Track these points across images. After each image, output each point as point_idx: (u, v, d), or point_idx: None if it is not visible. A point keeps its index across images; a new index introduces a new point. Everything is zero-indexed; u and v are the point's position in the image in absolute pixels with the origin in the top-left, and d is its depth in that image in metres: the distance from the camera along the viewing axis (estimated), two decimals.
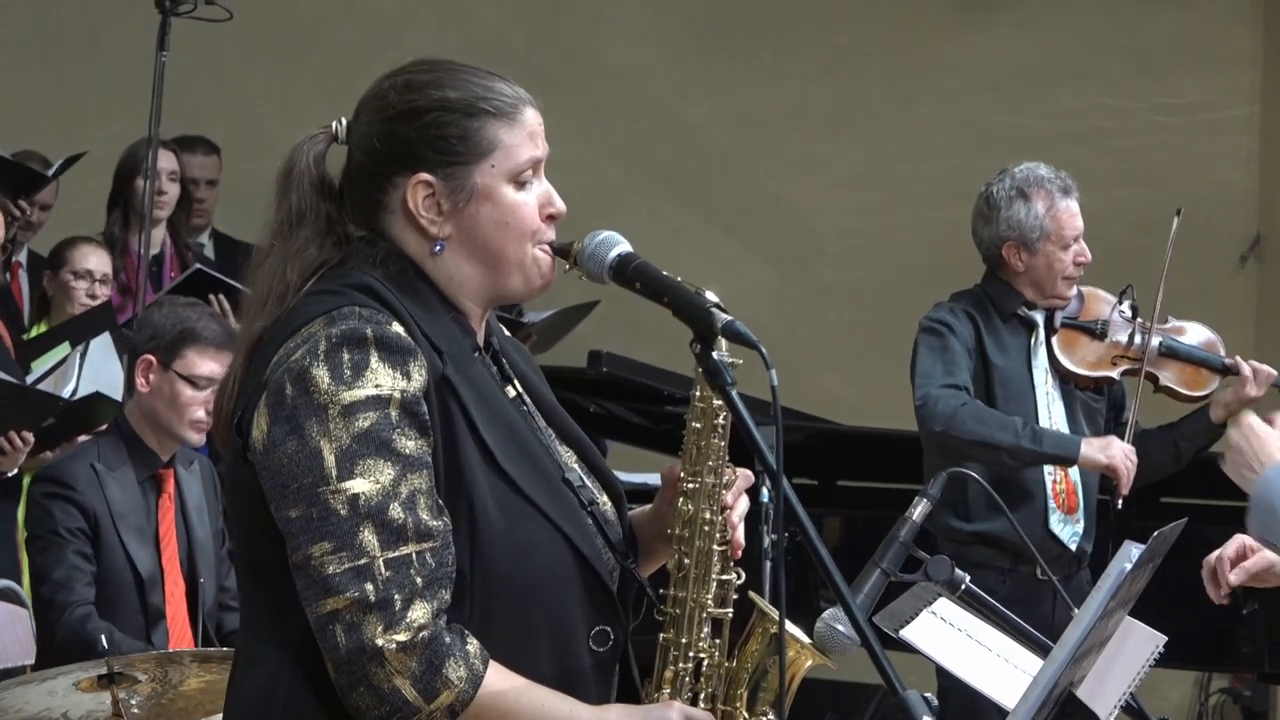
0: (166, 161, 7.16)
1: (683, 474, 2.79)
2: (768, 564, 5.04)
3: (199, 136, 7.85)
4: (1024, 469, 5.53)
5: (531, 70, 8.84)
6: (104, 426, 5.85)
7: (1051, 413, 5.64)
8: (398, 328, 2.63)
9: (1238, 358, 5.70)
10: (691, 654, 2.77)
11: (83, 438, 5.98)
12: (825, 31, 9.10)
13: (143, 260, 6.51)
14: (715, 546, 2.78)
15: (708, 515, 2.77)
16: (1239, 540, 4.03)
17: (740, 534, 2.82)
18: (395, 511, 2.56)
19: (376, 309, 2.63)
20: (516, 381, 2.84)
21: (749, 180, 9.10)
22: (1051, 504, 5.59)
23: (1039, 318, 5.68)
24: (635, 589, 2.80)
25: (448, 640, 2.57)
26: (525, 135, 2.74)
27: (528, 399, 2.84)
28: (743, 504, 2.84)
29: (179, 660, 4.05)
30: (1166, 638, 3.34)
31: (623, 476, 7.74)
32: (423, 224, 2.71)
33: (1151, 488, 5.94)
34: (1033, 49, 9.03)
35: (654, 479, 7.25)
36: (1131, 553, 2.97)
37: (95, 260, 6.74)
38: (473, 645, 2.59)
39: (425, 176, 2.70)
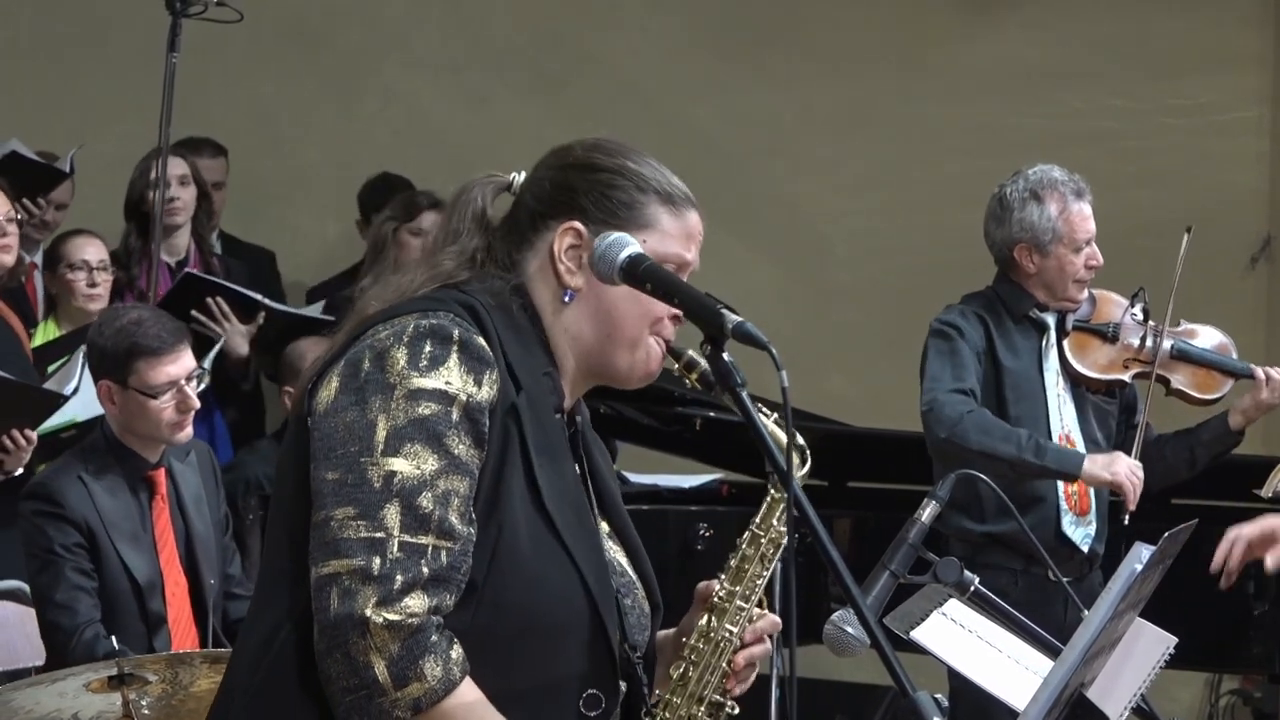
0: (176, 167, 7.15)
1: (717, 588, 2.82)
2: (778, 566, 5.03)
3: (205, 139, 7.84)
4: (1026, 481, 5.52)
5: (540, 73, 8.84)
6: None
7: (1063, 415, 5.64)
8: (483, 341, 2.67)
9: (1253, 365, 5.69)
10: None
11: None
12: (833, 33, 9.09)
13: (154, 267, 6.49)
14: (723, 665, 2.80)
15: (726, 634, 2.80)
16: (1269, 523, 3.94)
17: (743, 684, 2.83)
18: (426, 501, 2.59)
19: (469, 322, 2.68)
20: (587, 464, 2.87)
21: (756, 182, 9.09)
22: (1064, 505, 5.58)
23: (1050, 320, 5.68)
24: (635, 686, 2.80)
25: (434, 637, 2.58)
26: (684, 232, 2.82)
27: (590, 485, 2.86)
28: (760, 648, 2.86)
29: (189, 661, 4.06)
30: (1177, 639, 3.34)
31: (632, 478, 7.76)
32: (560, 269, 2.77)
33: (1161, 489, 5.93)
34: (1041, 51, 9.02)
35: (663, 480, 7.27)
36: (1142, 554, 2.97)
37: (91, 250, 6.73)
38: (456, 652, 2.60)
39: (578, 225, 2.77)
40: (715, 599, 2.81)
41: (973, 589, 3.44)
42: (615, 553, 2.85)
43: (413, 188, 7.62)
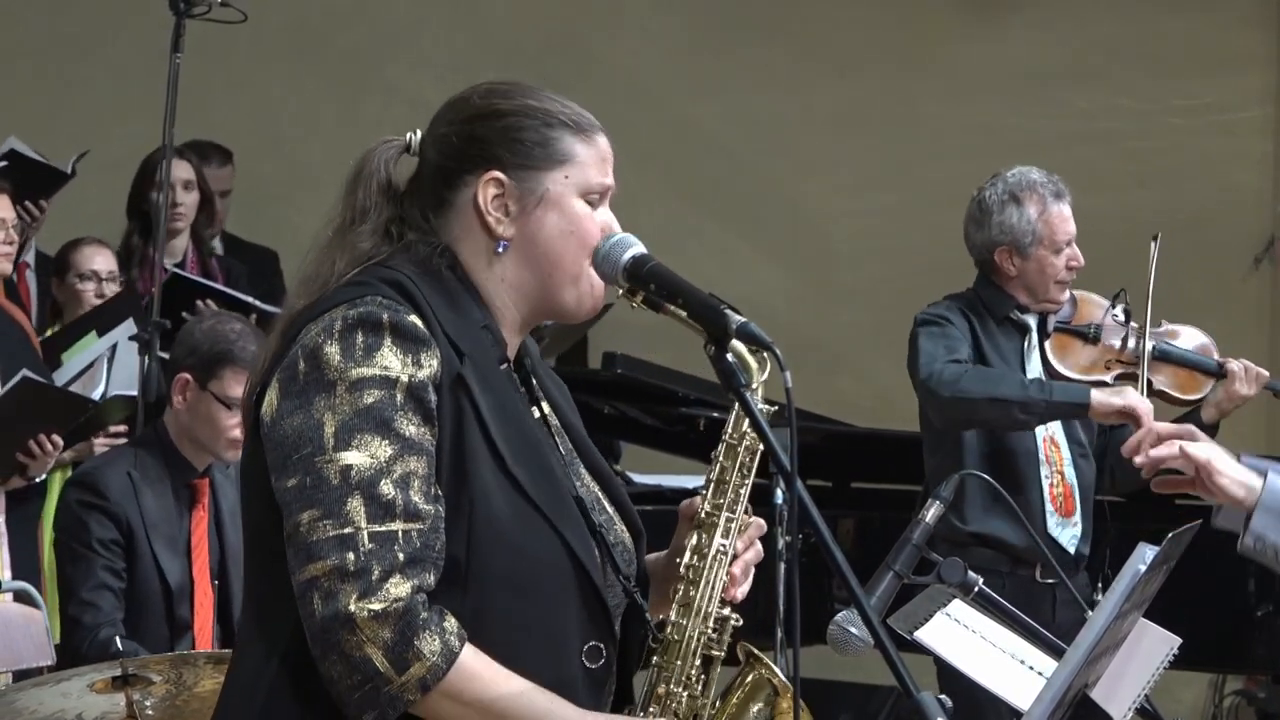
0: (182, 171, 7.13)
1: (701, 504, 2.81)
2: (782, 566, 5.04)
3: (213, 145, 7.83)
4: (1039, 424, 5.49)
5: (544, 73, 8.84)
6: (122, 427, 5.85)
7: None
8: (415, 319, 2.65)
9: (1229, 359, 5.68)
10: (684, 678, 2.78)
11: (99, 441, 5.99)
12: (837, 33, 9.10)
13: (157, 270, 6.47)
14: (722, 578, 2.79)
15: (720, 548, 2.79)
16: (1188, 427, 3.74)
17: (743, 587, 2.82)
18: (386, 487, 2.58)
19: (398, 301, 2.66)
20: (546, 404, 2.85)
21: (761, 182, 9.10)
22: (1049, 507, 5.57)
23: (1032, 321, 5.68)
24: (638, 624, 2.80)
25: (424, 615, 2.58)
26: (599, 157, 2.80)
27: (555, 422, 2.85)
28: (752, 552, 2.85)
29: (193, 662, 4.05)
30: (1181, 640, 3.34)
31: (636, 478, 7.75)
32: (489, 222, 2.74)
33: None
34: (1045, 51, 9.02)
35: (667, 481, 7.27)
36: (1146, 554, 2.97)
37: (100, 260, 6.71)
38: (451, 623, 2.59)
39: (498, 174, 2.74)
40: (701, 515, 2.80)
41: (976, 589, 3.44)
42: (591, 486, 2.84)
43: None
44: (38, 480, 5.66)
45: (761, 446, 2.79)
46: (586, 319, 2.84)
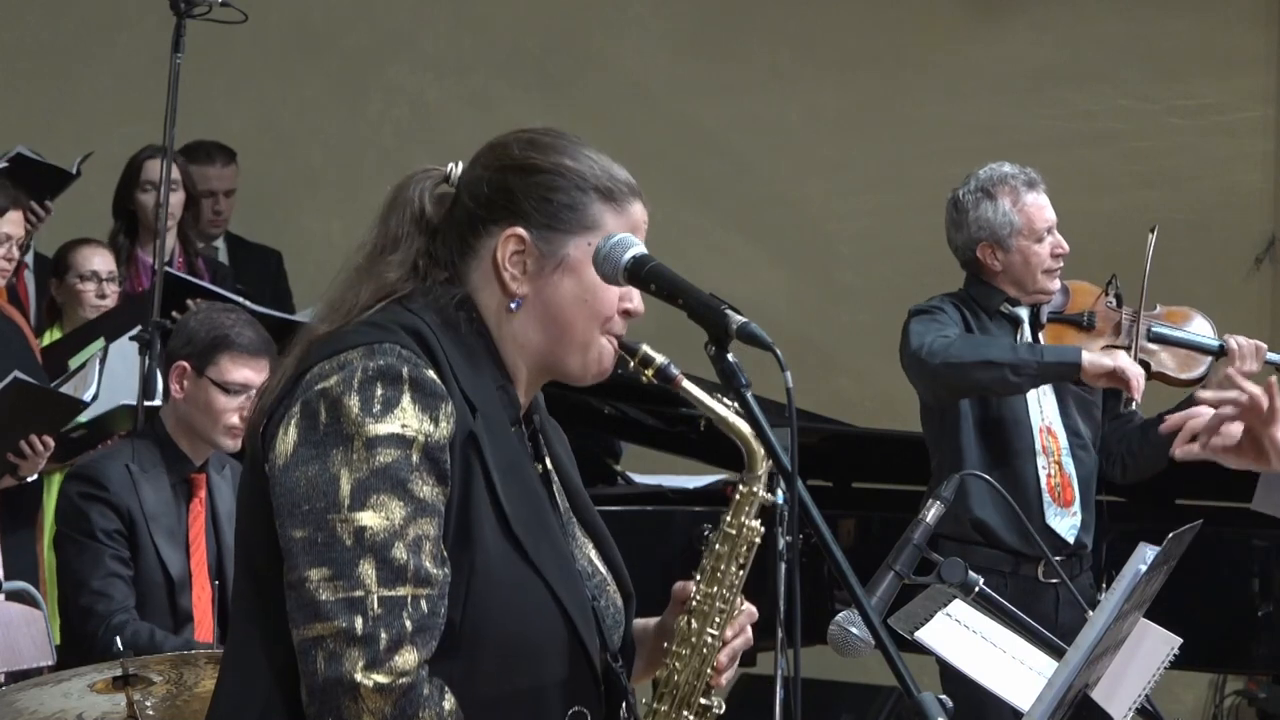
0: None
1: (694, 592, 2.80)
2: (782, 566, 5.04)
3: (217, 145, 7.83)
4: (1031, 386, 5.49)
5: (545, 74, 8.85)
6: (125, 431, 5.85)
7: (1043, 407, 5.64)
8: (433, 374, 2.64)
9: (1227, 335, 5.68)
10: None
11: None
12: (840, 34, 9.10)
13: (158, 269, 6.47)
14: (707, 669, 2.78)
15: (709, 639, 2.78)
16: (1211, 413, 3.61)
17: (727, 673, 2.82)
18: (399, 551, 2.56)
19: (417, 354, 2.65)
20: (549, 460, 2.85)
21: (763, 183, 9.10)
22: (1046, 497, 5.57)
23: (1024, 313, 5.68)
24: (619, 694, 2.79)
25: (426, 692, 2.57)
26: (628, 227, 2.76)
27: (556, 479, 2.85)
28: (741, 640, 2.84)
29: (194, 662, 4.06)
30: (1181, 640, 3.34)
31: (637, 478, 7.70)
32: (505, 278, 2.72)
33: (1165, 489, 5.92)
34: (1048, 51, 9.02)
35: (668, 481, 7.24)
36: (1146, 554, 2.97)
37: (99, 260, 6.71)
38: (449, 702, 2.59)
39: (520, 231, 2.72)
40: (693, 602, 2.79)
41: (977, 590, 3.44)
42: (585, 546, 2.84)
43: None
44: (29, 480, 5.64)
45: (759, 539, 2.79)
46: (592, 383, 2.81)
